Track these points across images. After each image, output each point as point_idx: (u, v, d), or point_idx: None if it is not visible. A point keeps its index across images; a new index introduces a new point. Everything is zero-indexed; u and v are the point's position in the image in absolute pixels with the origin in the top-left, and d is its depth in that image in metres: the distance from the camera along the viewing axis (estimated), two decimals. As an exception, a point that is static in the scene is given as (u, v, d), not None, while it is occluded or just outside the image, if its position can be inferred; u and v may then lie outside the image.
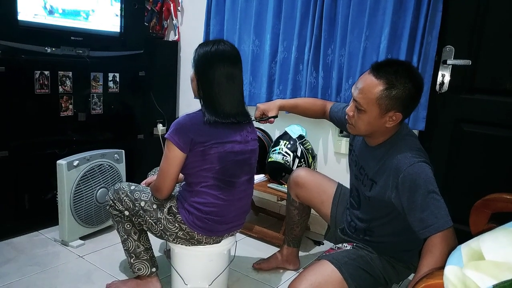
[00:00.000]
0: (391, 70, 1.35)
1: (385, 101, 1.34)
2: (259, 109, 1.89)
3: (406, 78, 1.33)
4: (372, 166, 1.50)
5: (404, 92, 1.33)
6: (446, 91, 2.10)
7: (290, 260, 2.10)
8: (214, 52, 1.53)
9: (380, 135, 1.46)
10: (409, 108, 1.40)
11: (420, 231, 1.33)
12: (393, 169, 1.39)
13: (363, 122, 1.42)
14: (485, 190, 1.64)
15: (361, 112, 1.40)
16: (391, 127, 1.42)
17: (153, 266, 1.78)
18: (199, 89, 1.58)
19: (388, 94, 1.33)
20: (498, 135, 1.99)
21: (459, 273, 0.81)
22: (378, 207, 1.51)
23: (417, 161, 1.35)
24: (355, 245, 1.59)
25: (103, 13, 2.48)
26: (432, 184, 1.33)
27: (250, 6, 2.63)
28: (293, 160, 2.32)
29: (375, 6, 2.14)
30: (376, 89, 1.34)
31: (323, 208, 1.89)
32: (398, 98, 1.33)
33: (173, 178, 1.57)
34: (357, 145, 1.64)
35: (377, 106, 1.36)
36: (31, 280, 1.86)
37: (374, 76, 1.36)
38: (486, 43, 1.99)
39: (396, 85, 1.33)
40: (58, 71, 2.28)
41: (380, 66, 1.38)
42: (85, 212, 2.21)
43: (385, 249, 1.55)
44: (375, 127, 1.42)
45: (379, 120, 1.39)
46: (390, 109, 1.35)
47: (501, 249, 0.81)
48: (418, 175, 1.33)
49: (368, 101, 1.36)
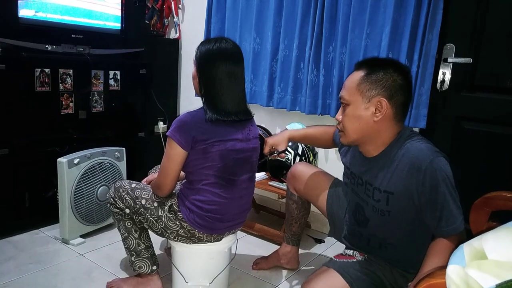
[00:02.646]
0: (370, 61, 1.39)
1: (365, 85, 1.31)
2: (268, 144, 1.81)
3: (387, 65, 1.33)
4: (382, 176, 1.39)
5: (384, 75, 1.30)
6: (447, 89, 2.10)
7: (289, 259, 2.07)
8: (216, 50, 1.53)
9: (375, 139, 1.37)
10: (396, 96, 1.31)
11: (438, 228, 1.29)
12: (414, 169, 1.29)
13: (349, 119, 1.35)
14: (486, 188, 1.64)
15: (346, 108, 1.36)
16: (385, 127, 1.34)
17: (154, 264, 1.79)
18: (201, 87, 1.58)
19: (368, 78, 1.31)
20: (498, 133, 1.99)
21: (461, 272, 0.81)
22: (402, 219, 1.40)
23: (436, 156, 1.28)
24: (367, 256, 1.52)
25: (104, 10, 2.48)
26: (452, 180, 1.28)
27: (251, 4, 2.63)
28: (294, 158, 2.32)
29: (376, 4, 2.14)
30: (356, 77, 1.34)
31: (319, 201, 1.84)
32: (378, 81, 1.30)
33: (174, 176, 1.57)
34: (352, 162, 1.55)
35: (358, 94, 1.32)
36: (31, 278, 1.86)
37: (355, 70, 1.38)
38: (487, 41, 1.98)
39: (376, 70, 1.31)
40: (59, 68, 2.27)
41: (360, 62, 1.41)
42: (85, 210, 2.21)
43: (398, 261, 1.47)
44: (363, 124, 1.34)
45: (365, 111, 1.32)
46: (372, 95, 1.30)
47: (504, 248, 0.81)
48: (440, 171, 1.26)
49: (350, 91, 1.34)
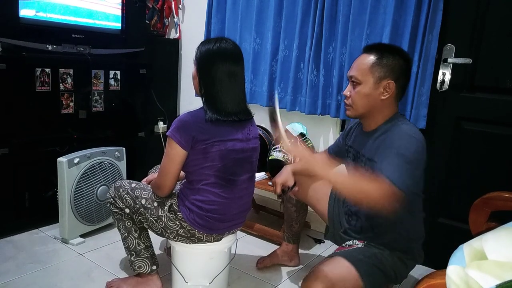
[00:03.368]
0: (379, 46, 1.54)
1: (377, 68, 1.46)
2: (278, 185, 1.79)
3: (393, 51, 1.49)
4: (370, 146, 1.52)
5: (393, 61, 1.46)
6: (446, 89, 2.10)
7: (290, 257, 2.12)
8: (216, 50, 1.53)
9: (377, 114, 1.51)
10: (400, 79, 1.48)
11: (376, 167, 1.37)
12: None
13: (359, 96, 1.49)
14: (485, 189, 1.64)
15: (357, 85, 1.50)
16: (387, 104, 1.49)
17: (154, 264, 1.79)
18: (201, 87, 1.58)
19: (380, 62, 1.46)
20: (498, 133, 1.99)
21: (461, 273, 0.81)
22: None
23: (413, 136, 1.39)
24: (366, 243, 1.57)
25: (104, 10, 2.48)
26: (408, 156, 1.34)
27: (251, 4, 2.63)
28: (293, 158, 2.32)
29: (376, 5, 2.14)
30: (368, 59, 1.48)
31: (319, 205, 1.88)
32: (388, 65, 1.46)
33: (174, 175, 1.57)
34: (355, 140, 1.66)
35: (370, 75, 1.47)
36: (31, 278, 1.86)
37: (365, 53, 1.51)
38: (487, 41, 1.98)
39: (385, 55, 1.47)
40: (59, 68, 2.27)
41: (370, 46, 1.55)
42: (85, 210, 2.21)
43: (395, 243, 1.53)
44: (371, 101, 1.49)
45: (374, 91, 1.47)
46: (383, 77, 1.46)
47: (504, 248, 0.81)
48: (401, 140, 1.38)
49: (362, 71, 1.48)
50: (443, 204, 2.16)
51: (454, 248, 0.98)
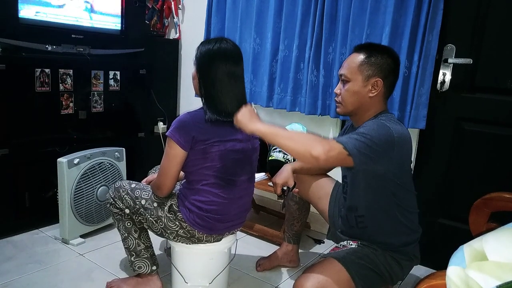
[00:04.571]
0: (369, 45, 1.58)
1: (366, 67, 1.50)
2: (278, 185, 1.78)
3: (382, 51, 1.53)
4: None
5: (382, 60, 1.50)
6: (447, 89, 2.10)
7: (290, 258, 2.11)
8: (216, 50, 1.53)
9: (366, 111, 1.54)
10: (389, 78, 1.52)
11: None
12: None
13: (349, 93, 1.53)
14: (485, 189, 1.64)
15: (346, 83, 1.54)
16: (376, 101, 1.53)
17: (154, 264, 1.79)
18: (201, 87, 1.58)
19: (368, 61, 1.50)
20: (498, 134, 1.99)
21: (461, 273, 0.81)
22: (362, 177, 1.53)
23: (386, 125, 1.40)
24: (359, 243, 1.58)
25: (104, 11, 2.48)
26: (376, 137, 1.34)
27: (251, 5, 2.63)
28: (293, 158, 2.32)
29: (376, 5, 2.14)
30: (357, 58, 1.52)
31: (320, 203, 1.89)
32: (377, 64, 1.50)
33: (173, 176, 1.57)
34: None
35: (359, 73, 1.51)
36: (31, 278, 1.86)
37: (355, 52, 1.56)
38: (487, 41, 1.98)
39: (374, 54, 1.51)
40: (59, 69, 2.27)
41: (360, 45, 1.60)
42: (85, 210, 2.21)
43: (389, 242, 1.53)
44: (360, 98, 1.52)
45: (363, 88, 1.51)
46: (371, 76, 1.50)
47: (504, 249, 0.81)
48: (372, 125, 1.40)
49: (352, 70, 1.52)
50: (443, 204, 2.15)
51: (454, 249, 0.98)
